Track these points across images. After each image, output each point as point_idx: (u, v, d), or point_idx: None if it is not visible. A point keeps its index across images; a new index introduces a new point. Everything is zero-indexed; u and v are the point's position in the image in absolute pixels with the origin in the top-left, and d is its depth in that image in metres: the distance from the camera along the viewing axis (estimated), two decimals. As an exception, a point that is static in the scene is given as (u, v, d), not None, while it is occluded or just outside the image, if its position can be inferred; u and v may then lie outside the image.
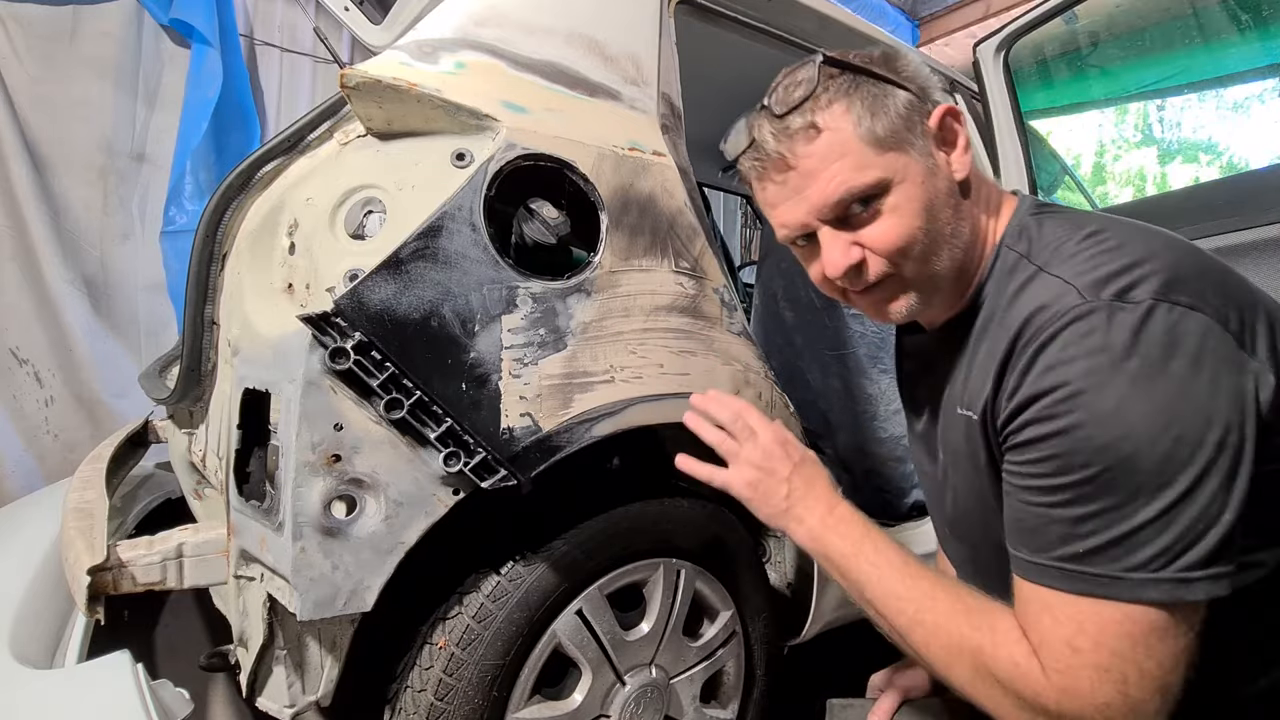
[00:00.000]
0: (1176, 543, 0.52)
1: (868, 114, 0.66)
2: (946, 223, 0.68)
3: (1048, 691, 0.54)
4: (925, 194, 0.66)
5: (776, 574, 1.39)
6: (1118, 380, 0.53)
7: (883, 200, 0.66)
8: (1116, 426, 0.53)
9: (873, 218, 0.67)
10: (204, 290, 1.04)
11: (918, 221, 0.66)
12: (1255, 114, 2.06)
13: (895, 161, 0.66)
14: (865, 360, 1.91)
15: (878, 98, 0.66)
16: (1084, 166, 3.71)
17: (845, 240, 0.68)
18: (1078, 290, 0.58)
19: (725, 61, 1.59)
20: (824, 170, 0.66)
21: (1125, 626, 0.53)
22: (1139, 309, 0.55)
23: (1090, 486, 0.54)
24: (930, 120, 0.68)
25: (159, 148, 2.58)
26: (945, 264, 0.69)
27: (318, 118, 0.98)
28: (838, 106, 0.66)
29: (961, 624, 0.60)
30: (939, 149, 0.69)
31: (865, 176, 0.65)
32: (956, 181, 0.69)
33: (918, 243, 0.67)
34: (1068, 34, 1.87)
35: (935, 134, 0.68)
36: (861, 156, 0.65)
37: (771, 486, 0.73)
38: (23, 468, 2.33)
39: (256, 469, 0.90)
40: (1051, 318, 0.58)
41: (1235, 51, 1.79)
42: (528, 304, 0.89)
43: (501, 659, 0.94)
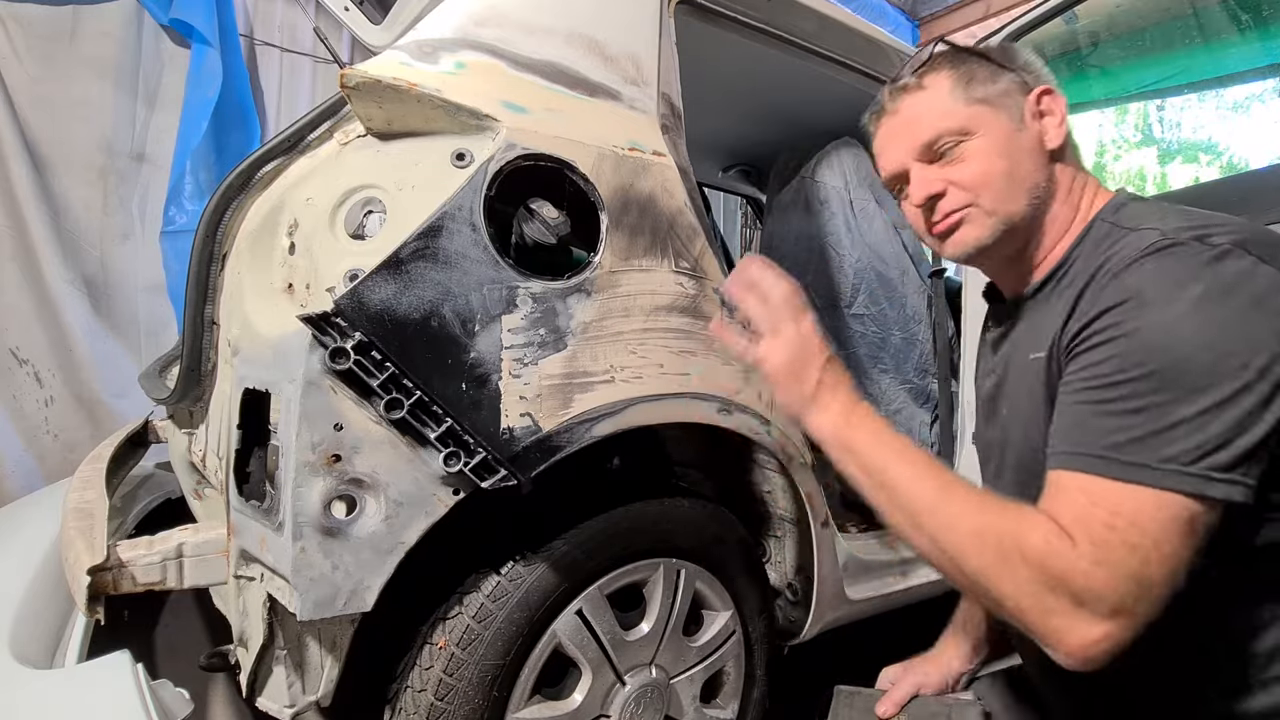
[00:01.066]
0: (1207, 442, 0.56)
1: (965, 80, 0.77)
2: (1028, 174, 0.75)
3: (1078, 564, 0.57)
4: (1007, 144, 0.75)
5: (776, 574, 1.39)
6: (1183, 297, 0.59)
7: (966, 144, 0.75)
8: (1172, 334, 0.58)
9: (958, 158, 0.76)
10: (204, 290, 1.04)
11: (997, 163, 0.74)
12: (1255, 114, 2.06)
13: (982, 114, 0.75)
14: (865, 360, 1.91)
15: (980, 72, 0.77)
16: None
17: (932, 173, 0.77)
18: (1161, 231, 0.64)
19: (725, 61, 1.59)
20: (920, 117, 0.78)
21: (1155, 511, 0.56)
22: (1215, 249, 0.60)
23: (1139, 384, 0.58)
24: (1029, 96, 0.77)
25: (159, 148, 2.58)
26: (1022, 207, 0.75)
27: (318, 118, 0.98)
28: (943, 73, 0.78)
29: (987, 511, 0.62)
30: (1035, 119, 0.76)
31: (951, 121, 0.76)
32: (1048, 148, 0.76)
33: (996, 179, 0.74)
34: (1068, 34, 1.87)
35: (1033, 107, 0.76)
36: (952, 108, 0.76)
37: (804, 370, 0.74)
38: (23, 468, 2.33)
39: (256, 469, 0.90)
40: (1132, 250, 0.64)
41: (1235, 51, 1.79)
42: (528, 304, 0.89)
43: (501, 659, 0.94)
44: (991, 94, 0.76)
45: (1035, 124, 0.76)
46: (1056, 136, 0.76)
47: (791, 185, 1.99)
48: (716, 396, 1.08)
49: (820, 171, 1.92)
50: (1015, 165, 0.74)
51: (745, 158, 2.48)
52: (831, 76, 1.54)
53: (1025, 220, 0.75)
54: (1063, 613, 0.57)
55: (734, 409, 1.10)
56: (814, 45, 1.45)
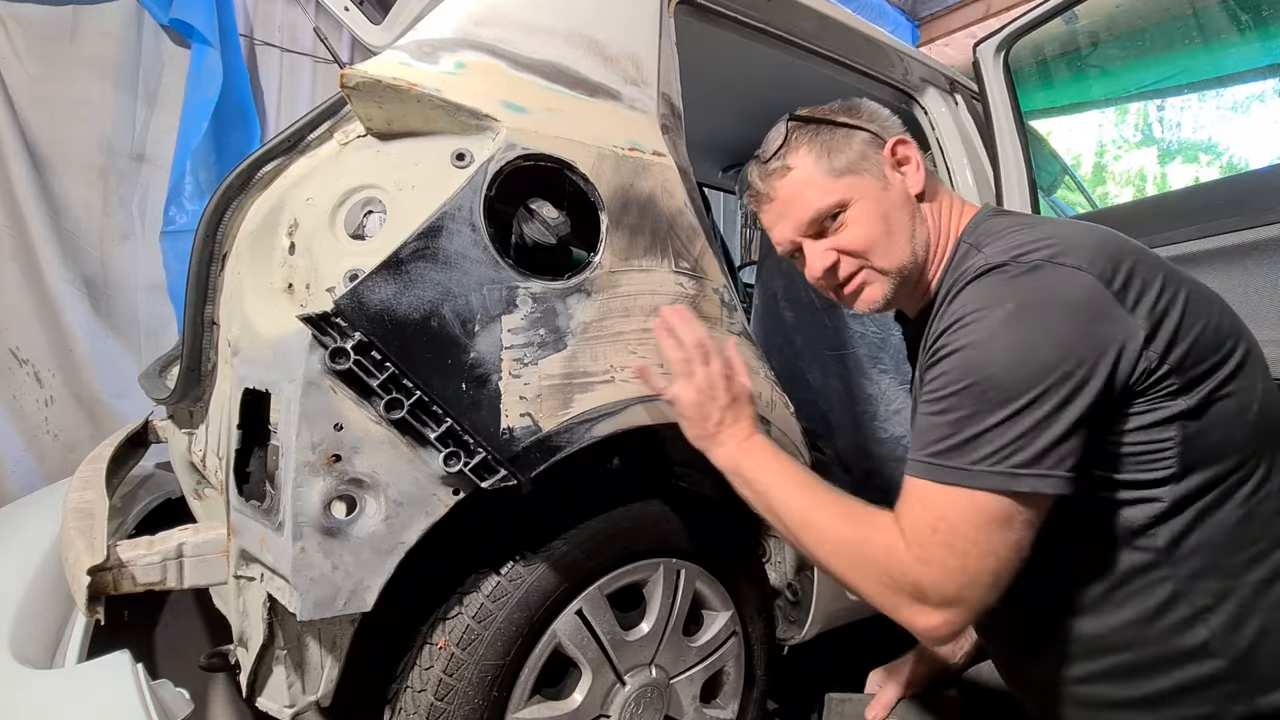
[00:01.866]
0: (1010, 444, 0.64)
1: (826, 153, 0.85)
2: (903, 225, 0.84)
3: (910, 565, 0.66)
4: (881, 206, 0.84)
5: (776, 574, 1.39)
6: (995, 316, 0.67)
7: (845, 214, 0.84)
8: (983, 352, 0.67)
9: (841, 227, 0.85)
10: (204, 290, 1.04)
11: (877, 225, 0.84)
12: (1255, 114, 2.06)
13: (851, 184, 0.84)
14: (865, 360, 1.91)
15: (835, 139, 0.85)
16: (1084, 166, 3.71)
17: (821, 247, 0.86)
18: (986, 256, 0.73)
19: (725, 61, 1.59)
20: (797, 198, 0.86)
21: (969, 512, 0.65)
22: (1028, 266, 0.69)
23: (959, 397, 0.67)
24: (885, 150, 0.86)
25: (159, 148, 2.58)
26: (907, 258, 0.84)
27: (318, 118, 0.98)
28: (803, 149, 0.86)
29: (846, 523, 0.73)
30: (894, 170, 0.86)
31: (827, 200, 0.84)
32: (912, 194, 0.86)
33: (878, 242, 0.84)
34: (1068, 34, 1.87)
35: (890, 159, 0.86)
36: (824, 184, 0.84)
37: (708, 410, 0.86)
38: (23, 468, 2.33)
39: (256, 469, 0.90)
40: (963, 275, 0.74)
41: (1235, 51, 1.79)
42: (528, 304, 0.89)
43: (501, 659, 0.94)
44: (853, 160, 0.84)
45: (896, 175, 0.86)
46: (917, 181, 0.86)
47: (791, 185, 1.99)
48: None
49: (820, 171, 1.91)
50: (891, 221, 0.84)
51: (745, 158, 2.47)
52: (831, 76, 1.55)
53: (915, 265, 0.85)
54: (907, 605, 0.67)
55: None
56: (814, 45, 1.45)
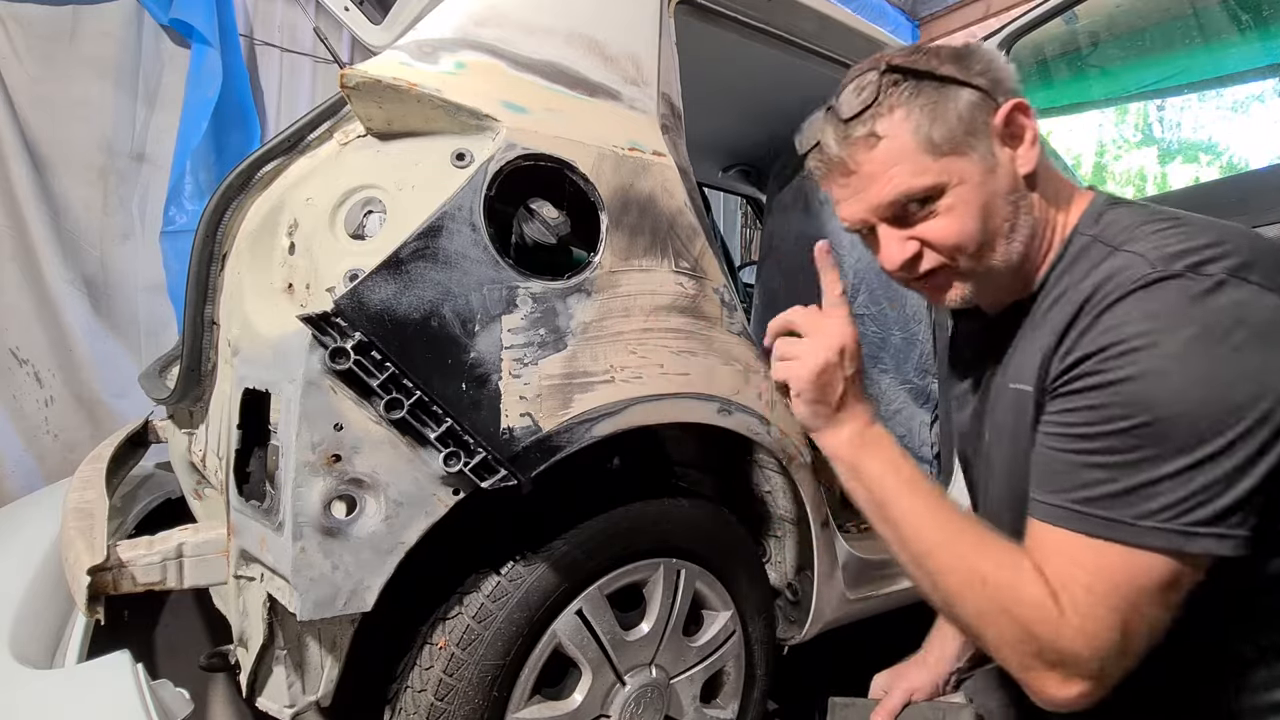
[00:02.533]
0: (1190, 498, 0.53)
1: (926, 120, 0.68)
2: (1005, 219, 0.70)
3: (1063, 631, 0.56)
4: (982, 194, 0.69)
5: (776, 574, 1.39)
6: (1175, 343, 0.55)
7: (939, 201, 0.69)
8: (1165, 386, 0.54)
9: (929, 216, 0.70)
10: (204, 290, 1.04)
11: (973, 222, 0.69)
12: (1255, 114, 2.06)
13: (952, 165, 0.68)
14: (865, 360, 1.91)
15: (938, 102, 0.68)
16: (1084, 166, 3.71)
17: (901, 236, 0.72)
18: (1149, 261, 0.59)
19: (725, 61, 1.59)
20: (882, 174, 0.70)
21: (1134, 573, 0.55)
22: (1209, 280, 0.56)
23: (1125, 438, 0.56)
24: (996, 117, 0.69)
25: (159, 148, 2.58)
26: (1001, 258, 0.71)
27: (318, 118, 0.98)
28: (899, 114, 0.69)
29: (985, 559, 0.61)
30: (1004, 145, 0.70)
31: (920, 181, 0.69)
32: (1021, 176, 0.70)
33: (973, 241, 0.70)
34: (1068, 34, 1.87)
35: (1001, 130, 0.69)
36: (918, 162, 0.68)
37: (832, 382, 0.72)
38: (23, 468, 2.33)
39: (256, 469, 0.90)
40: (1121, 283, 0.59)
41: (1235, 51, 1.79)
42: (528, 304, 0.89)
43: (501, 659, 0.94)
44: (956, 131, 0.68)
45: (1006, 153, 0.70)
46: (1029, 160, 0.70)
47: (791, 185, 1.99)
48: (716, 396, 1.08)
49: (820, 171, 1.91)
50: (990, 218, 0.69)
51: (745, 158, 2.48)
52: (832, 77, 1.54)
53: (1010, 260, 0.71)
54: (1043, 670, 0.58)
55: (734, 409, 1.10)
56: (814, 45, 1.45)
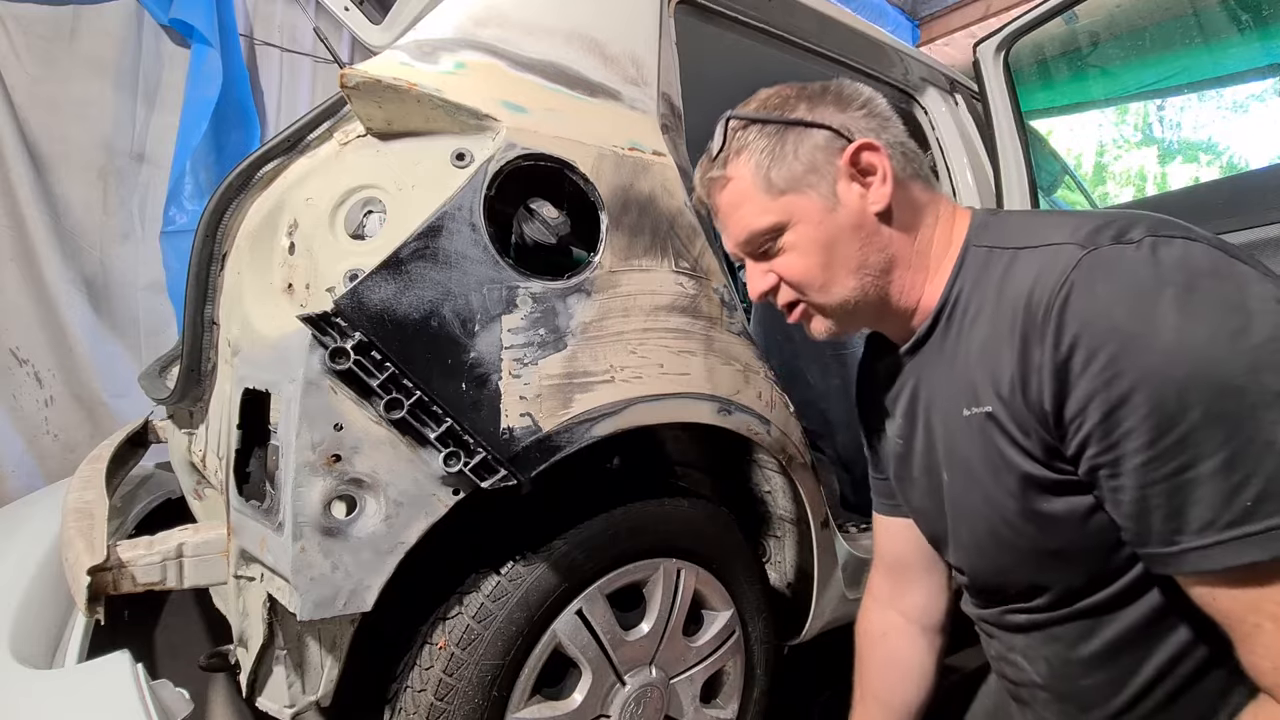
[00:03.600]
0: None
1: (766, 161, 0.72)
2: (851, 255, 0.71)
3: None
4: (822, 233, 0.71)
5: (776, 574, 1.39)
6: (1163, 311, 0.51)
7: (782, 238, 0.73)
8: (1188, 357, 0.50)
9: (779, 252, 0.74)
10: (204, 290, 1.04)
11: (814, 258, 0.72)
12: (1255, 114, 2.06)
13: (791, 204, 0.71)
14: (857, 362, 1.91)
15: (780, 144, 0.71)
16: (1084, 166, 3.71)
17: (761, 270, 0.76)
18: (1074, 243, 0.58)
19: (725, 61, 1.59)
20: (733, 214, 0.75)
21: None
22: (1143, 245, 0.55)
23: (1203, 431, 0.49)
24: (842, 157, 0.70)
25: (159, 148, 2.58)
26: (853, 293, 0.73)
27: (318, 118, 0.98)
28: (743, 156, 0.73)
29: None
30: (852, 182, 0.71)
31: (761, 221, 0.73)
32: (873, 213, 0.71)
33: (815, 277, 0.73)
34: (1068, 34, 1.87)
35: (849, 169, 0.71)
36: (759, 203, 0.72)
37: None
38: (23, 468, 2.33)
39: (256, 469, 0.90)
40: (1060, 275, 0.57)
41: (1235, 51, 1.79)
42: (528, 304, 0.89)
43: (501, 659, 0.94)
44: (796, 175, 0.70)
45: (853, 191, 0.71)
46: (880, 198, 0.70)
47: (791, 185, 1.99)
48: (716, 396, 1.08)
49: (820, 171, 1.91)
50: (834, 253, 0.71)
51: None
52: (831, 77, 1.54)
53: (864, 295, 0.72)
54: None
55: (734, 409, 1.10)
56: (814, 45, 1.45)
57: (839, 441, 2.02)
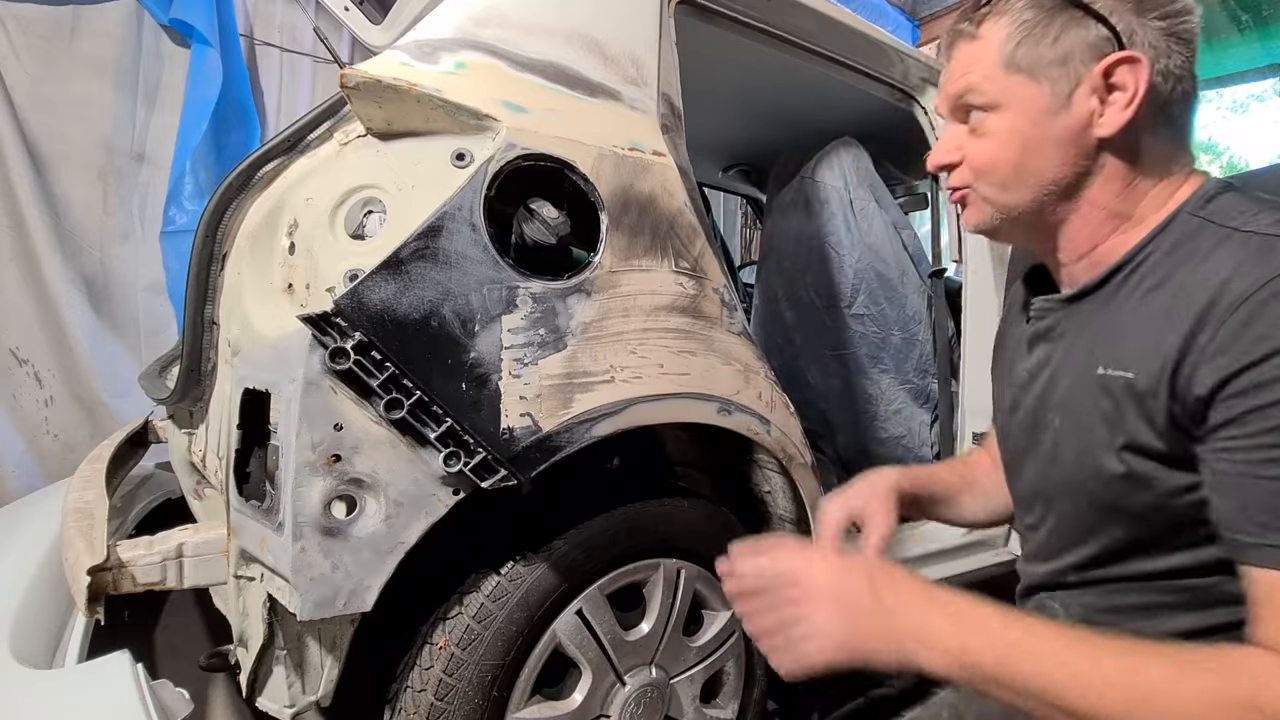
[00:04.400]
0: None
1: (1019, 35, 0.65)
2: (1043, 166, 0.66)
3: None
4: (1031, 130, 0.66)
5: (776, 574, 1.39)
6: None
7: (989, 118, 0.68)
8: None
9: (978, 130, 0.69)
10: (204, 290, 1.04)
11: (1008, 153, 0.67)
12: (1255, 114, 2.06)
13: (1018, 88, 0.66)
14: (865, 360, 1.91)
15: (1046, 25, 0.64)
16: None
17: (954, 140, 0.72)
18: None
19: (725, 61, 1.59)
20: (961, 70, 0.70)
21: None
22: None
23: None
24: (1099, 64, 0.63)
25: (159, 148, 2.58)
26: (1024, 200, 0.68)
27: (318, 118, 0.98)
28: (1003, 20, 0.67)
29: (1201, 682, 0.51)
30: (1093, 94, 0.64)
31: (979, 91, 0.68)
32: (1097, 136, 0.65)
33: (998, 172, 0.68)
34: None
35: (1098, 79, 0.63)
36: (989, 71, 0.67)
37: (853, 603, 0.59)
38: (23, 468, 2.32)
39: (256, 469, 0.90)
40: (1265, 274, 0.54)
41: (1235, 51, 1.79)
42: (528, 304, 0.89)
43: (501, 659, 0.94)
44: (1042, 60, 0.64)
45: (1087, 104, 0.64)
46: (1111, 123, 0.63)
47: (791, 185, 1.99)
48: (716, 396, 1.08)
49: (820, 171, 1.92)
50: (1029, 157, 0.66)
51: (745, 158, 2.48)
52: (831, 76, 1.54)
53: (1037, 213, 0.68)
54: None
55: (734, 409, 1.10)
56: (814, 45, 1.45)
57: (839, 441, 2.02)
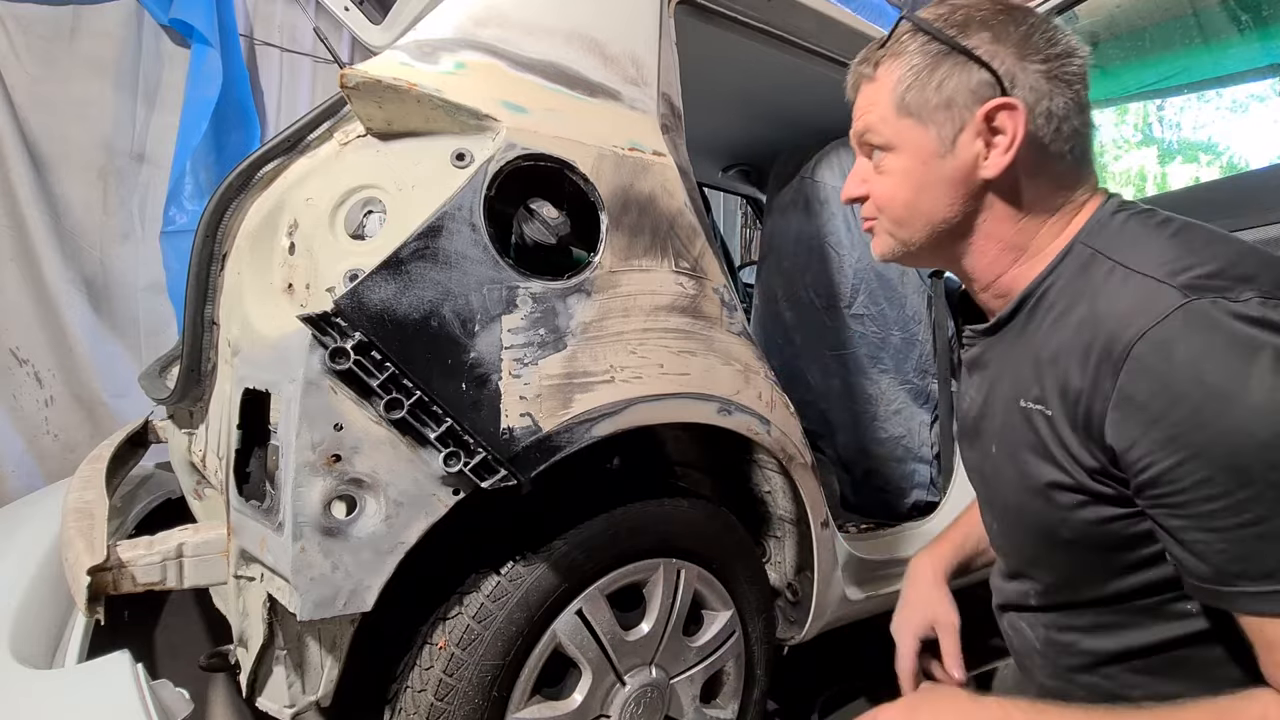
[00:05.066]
0: None
1: (908, 79, 0.69)
2: (932, 206, 0.70)
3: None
4: (922, 171, 0.70)
5: (776, 574, 1.39)
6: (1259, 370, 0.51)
7: (886, 158, 0.72)
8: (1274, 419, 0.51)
9: (879, 168, 0.74)
10: (204, 290, 1.04)
11: (903, 193, 0.72)
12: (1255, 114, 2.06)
13: (908, 132, 0.69)
14: (865, 360, 1.91)
15: (931, 70, 0.67)
16: (1084, 166, 3.70)
17: (861, 174, 0.77)
18: (1177, 289, 0.56)
19: (725, 61, 1.59)
20: (862, 111, 0.74)
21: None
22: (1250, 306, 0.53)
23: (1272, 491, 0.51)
24: (980, 111, 0.65)
25: (159, 148, 2.58)
26: (919, 236, 0.73)
27: (318, 118, 0.98)
28: (896, 64, 0.70)
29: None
30: (977, 137, 0.66)
31: (875, 130, 0.72)
32: (982, 177, 0.67)
33: (895, 209, 0.73)
34: (1068, 34, 1.87)
35: (980, 124, 0.66)
36: (884, 113, 0.71)
37: None
38: (23, 468, 2.33)
39: (256, 469, 0.90)
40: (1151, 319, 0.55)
41: (1235, 51, 1.79)
42: (528, 304, 0.89)
43: (501, 659, 0.94)
44: (929, 104, 0.67)
45: (971, 147, 0.67)
46: (994, 166, 0.66)
47: (791, 185, 1.99)
48: (716, 396, 1.08)
49: (820, 171, 1.92)
50: (920, 197, 0.70)
51: (745, 158, 2.48)
52: (832, 76, 1.54)
53: (934, 246, 0.73)
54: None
55: (734, 409, 1.10)
56: (814, 45, 1.45)
57: (839, 441, 2.02)
